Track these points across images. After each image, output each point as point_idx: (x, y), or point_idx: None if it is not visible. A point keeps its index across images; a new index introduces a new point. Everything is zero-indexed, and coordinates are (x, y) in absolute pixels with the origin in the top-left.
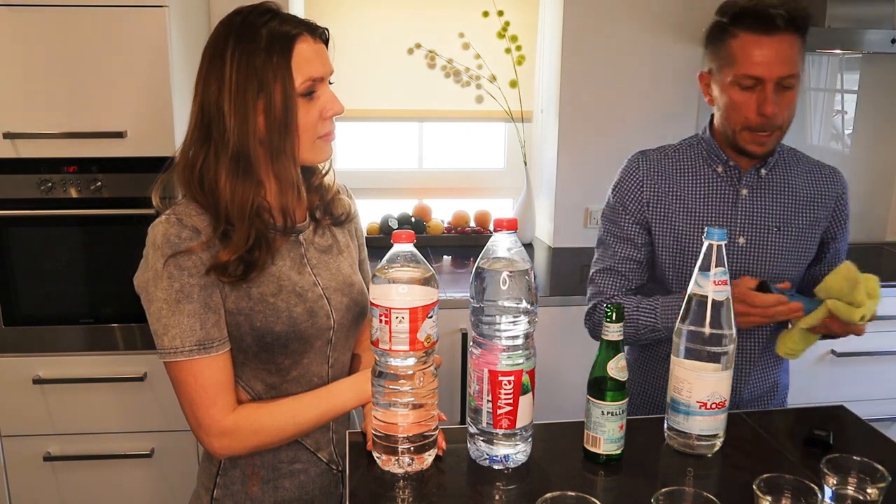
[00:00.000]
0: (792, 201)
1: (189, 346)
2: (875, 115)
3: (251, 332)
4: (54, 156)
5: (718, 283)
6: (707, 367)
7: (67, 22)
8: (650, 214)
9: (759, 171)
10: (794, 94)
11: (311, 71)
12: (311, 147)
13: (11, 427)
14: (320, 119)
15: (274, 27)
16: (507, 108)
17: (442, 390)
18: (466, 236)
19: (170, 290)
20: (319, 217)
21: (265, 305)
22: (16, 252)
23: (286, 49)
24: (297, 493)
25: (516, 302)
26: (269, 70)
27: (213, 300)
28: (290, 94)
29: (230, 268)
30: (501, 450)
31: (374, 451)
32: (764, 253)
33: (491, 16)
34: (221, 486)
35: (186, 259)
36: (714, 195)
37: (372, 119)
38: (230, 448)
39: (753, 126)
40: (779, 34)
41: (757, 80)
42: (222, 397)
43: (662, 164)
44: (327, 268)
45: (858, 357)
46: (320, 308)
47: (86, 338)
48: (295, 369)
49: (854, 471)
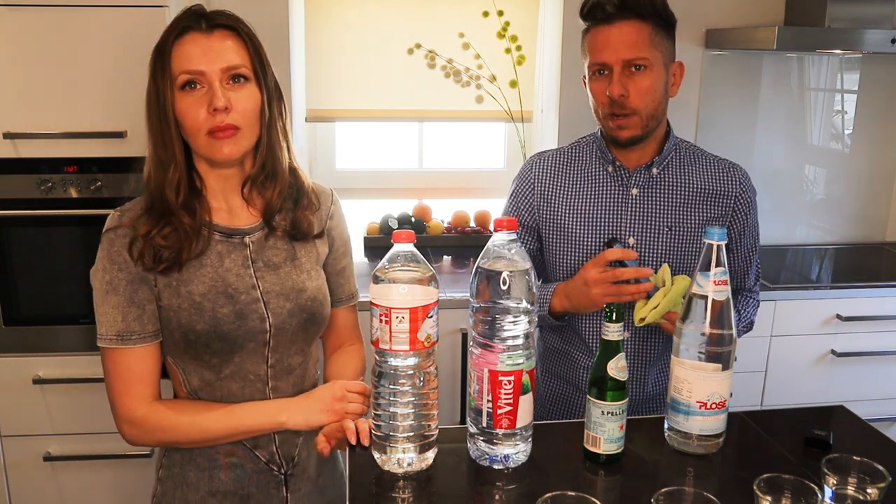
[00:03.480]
0: (685, 199)
1: (110, 336)
2: (875, 115)
3: (178, 328)
4: (54, 156)
5: (718, 283)
6: (707, 367)
7: (67, 22)
8: (540, 216)
9: (651, 171)
10: (650, 79)
11: (186, 65)
12: (206, 144)
13: (11, 427)
14: (207, 114)
15: (174, 25)
16: (507, 108)
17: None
18: (466, 236)
19: (102, 282)
20: (276, 224)
21: (191, 304)
22: (16, 252)
23: (165, 45)
24: (233, 487)
25: (516, 302)
26: (156, 66)
27: (139, 296)
28: (162, 86)
29: (147, 255)
30: (501, 450)
31: (374, 451)
32: (654, 253)
33: (491, 16)
34: (165, 467)
35: (118, 253)
36: (604, 195)
37: (372, 119)
38: (138, 437)
39: (607, 111)
40: (618, 21)
41: (603, 65)
42: (136, 388)
43: (557, 165)
44: (274, 271)
45: (858, 357)
46: (253, 311)
47: (86, 338)
48: (226, 367)
49: (854, 471)
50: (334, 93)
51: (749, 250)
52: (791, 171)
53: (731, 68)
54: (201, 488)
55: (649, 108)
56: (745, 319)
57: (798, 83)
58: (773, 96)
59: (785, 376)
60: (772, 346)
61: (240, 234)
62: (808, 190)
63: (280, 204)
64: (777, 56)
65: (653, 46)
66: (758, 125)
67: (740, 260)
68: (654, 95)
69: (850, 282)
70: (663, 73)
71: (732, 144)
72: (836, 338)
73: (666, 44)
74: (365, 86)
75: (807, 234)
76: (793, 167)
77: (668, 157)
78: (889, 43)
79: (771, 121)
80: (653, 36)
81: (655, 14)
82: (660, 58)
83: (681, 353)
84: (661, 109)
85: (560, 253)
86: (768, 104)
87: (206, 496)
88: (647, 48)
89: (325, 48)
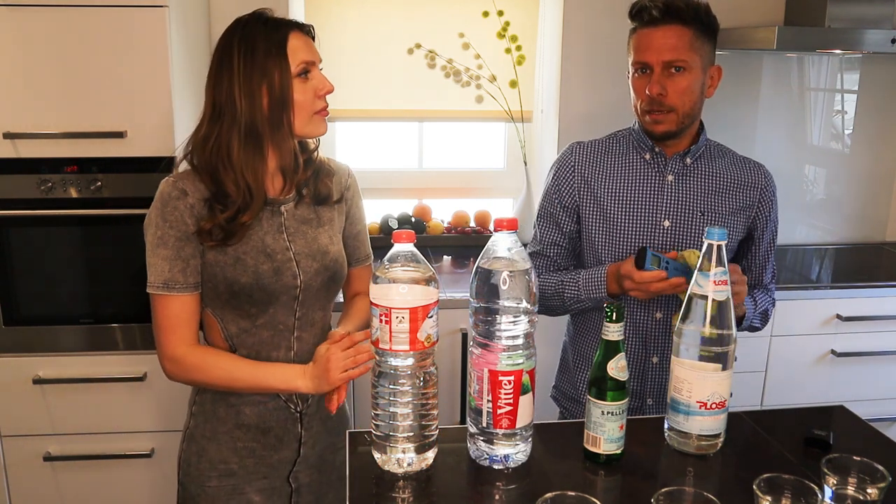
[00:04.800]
0: (716, 188)
1: (157, 284)
2: (875, 115)
3: (223, 280)
4: (54, 156)
5: (718, 283)
6: (707, 367)
7: (67, 22)
8: (580, 199)
9: (685, 160)
10: (687, 80)
11: (303, 56)
12: (310, 121)
13: (11, 427)
14: (315, 97)
15: (270, 27)
16: (506, 108)
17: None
18: (466, 236)
19: (154, 236)
20: (305, 194)
21: (235, 260)
22: (16, 252)
23: (282, 42)
24: (256, 421)
25: (516, 302)
26: (270, 60)
27: (185, 251)
28: (286, 76)
29: (213, 233)
30: (501, 450)
31: (374, 451)
32: (688, 235)
33: (491, 16)
34: (198, 403)
35: (171, 213)
36: (642, 180)
37: (372, 119)
38: (176, 373)
39: (646, 106)
40: (662, 25)
41: (644, 65)
42: (179, 330)
43: (596, 153)
44: (303, 236)
45: (858, 357)
46: (287, 269)
47: (86, 338)
48: (262, 317)
49: (854, 471)
50: (334, 93)
51: (769, 245)
52: (791, 170)
53: (731, 68)
54: (229, 422)
55: (686, 106)
56: (760, 305)
57: (798, 83)
58: (773, 96)
59: (785, 376)
60: (772, 346)
61: (276, 203)
62: (808, 190)
63: (307, 178)
64: (777, 56)
65: (692, 50)
66: (758, 125)
67: (761, 254)
68: (690, 96)
69: (850, 282)
70: (701, 76)
71: (732, 144)
72: (836, 338)
73: (706, 48)
74: (365, 86)
75: (807, 234)
76: (793, 167)
77: (701, 150)
78: (889, 43)
79: (771, 121)
80: (693, 40)
81: (698, 20)
82: (698, 61)
83: (681, 353)
84: (696, 109)
85: (601, 234)
86: (768, 104)
87: (232, 428)
88: (686, 52)
89: (325, 48)
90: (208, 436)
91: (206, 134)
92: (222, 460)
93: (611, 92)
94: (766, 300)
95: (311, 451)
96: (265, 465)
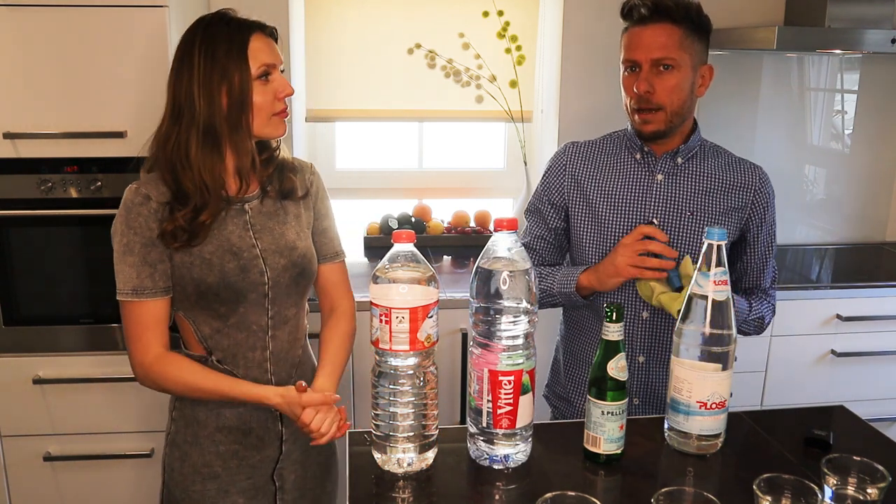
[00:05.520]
0: (707, 188)
1: (126, 290)
2: (875, 115)
3: (191, 281)
4: (54, 156)
5: (718, 283)
6: (707, 367)
7: (67, 22)
8: (569, 198)
9: (675, 159)
10: (676, 78)
11: (264, 58)
12: (268, 123)
13: (11, 427)
14: (275, 99)
15: (232, 27)
16: (506, 108)
17: (442, 390)
18: (466, 236)
19: (120, 244)
20: (269, 190)
21: (201, 261)
22: (16, 252)
23: (243, 43)
24: (237, 422)
25: (516, 302)
26: (230, 61)
27: (152, 256)
28: (246, 78)
29: (177, 235)
30: (501, 450)
31: (374, 451)
32: (677, 234)
33: (491, 16)
34: (178, 409)
35: (135, 220)
36: (631, 179)
37: (372, 119)
38: (145, 379)
39: (634, 105)
40: (651, 24)
41: (633, 62)
42: (147, 335)
43: (588, 152)
44: (270, 233)
45: (858, 357)
46: (254, 266)
47: (86, 338)
48: (233, 316)
49: (854, 471)
50: (334, 93)
51: (766, 249)
52: (791, 170)
53: (731, 68)
54: (209, 425)
55: (674, 105)
56: (755, 312)
57: (798, 83)
58: (773, 96)
59: (785, 376)
60: (772, 346)
61: (240, 202)
62: (808, 190)
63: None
64: (777, 56)
65: (682, 49)
66: (758, 125)
67: (757, 258)
68: (679, 94)
69: (850, 282)
70: (690, 74)
71: (732, 144)
72: (836, 338)
73: (696, 47)
74: (365, 86)
75: (807, 234)
76: (793, 167)
77: (693, 150)
78: (889, 43)
79: (771, 121)
80: (683, 39)
81: (688, 18)
82: (688, 59)
83: (681, 353)
84: (686, 108)
85: (589, 232)
86: (768, 104)
87: (213, 432)
88: (675, 50)
89: (325, 48)
90: (190, 440)
91: (167, 133)
92: (205, 464)
93: (611, 92)
94: (764, 307)
95: (293, 448)
96: (248, 465)
